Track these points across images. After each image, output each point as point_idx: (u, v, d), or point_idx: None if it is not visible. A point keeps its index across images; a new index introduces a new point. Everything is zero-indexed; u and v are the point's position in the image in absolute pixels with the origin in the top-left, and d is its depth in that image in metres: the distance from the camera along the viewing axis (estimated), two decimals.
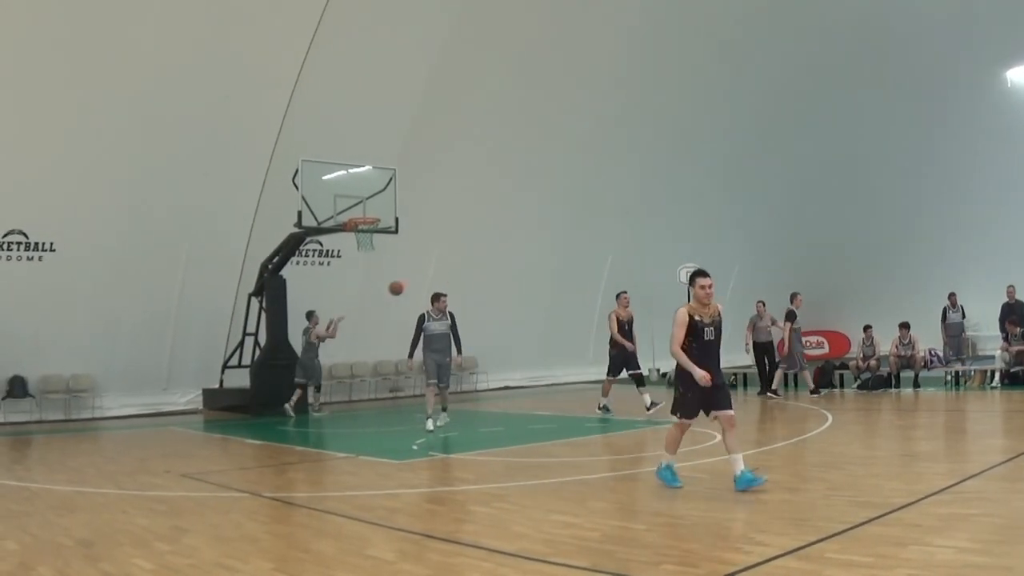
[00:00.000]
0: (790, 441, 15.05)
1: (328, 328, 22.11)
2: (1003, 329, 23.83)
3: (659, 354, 30.34)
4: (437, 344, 17.49)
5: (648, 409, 18.85)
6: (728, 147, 33.25)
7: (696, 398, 10.35)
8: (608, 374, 20.30)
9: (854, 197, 35.76)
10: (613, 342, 20.04)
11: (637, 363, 20.29)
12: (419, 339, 17.48)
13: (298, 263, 24.41)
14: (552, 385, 30.02)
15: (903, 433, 16.39)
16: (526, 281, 29.09)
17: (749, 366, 25.46)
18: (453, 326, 17.67)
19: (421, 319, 17.53)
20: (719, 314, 10.56)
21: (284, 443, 17.14)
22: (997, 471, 11.12)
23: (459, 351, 17.86)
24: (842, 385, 24.82)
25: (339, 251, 25.44)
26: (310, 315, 22.28)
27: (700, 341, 10.33)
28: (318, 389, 22.86)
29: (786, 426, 17.33)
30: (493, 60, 26.60)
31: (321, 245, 25.31)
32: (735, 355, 22.25)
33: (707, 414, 10.44)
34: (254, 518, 9.83)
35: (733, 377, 26.57)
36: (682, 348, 10.32)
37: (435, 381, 17.57)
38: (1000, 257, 31.75)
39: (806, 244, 35.88)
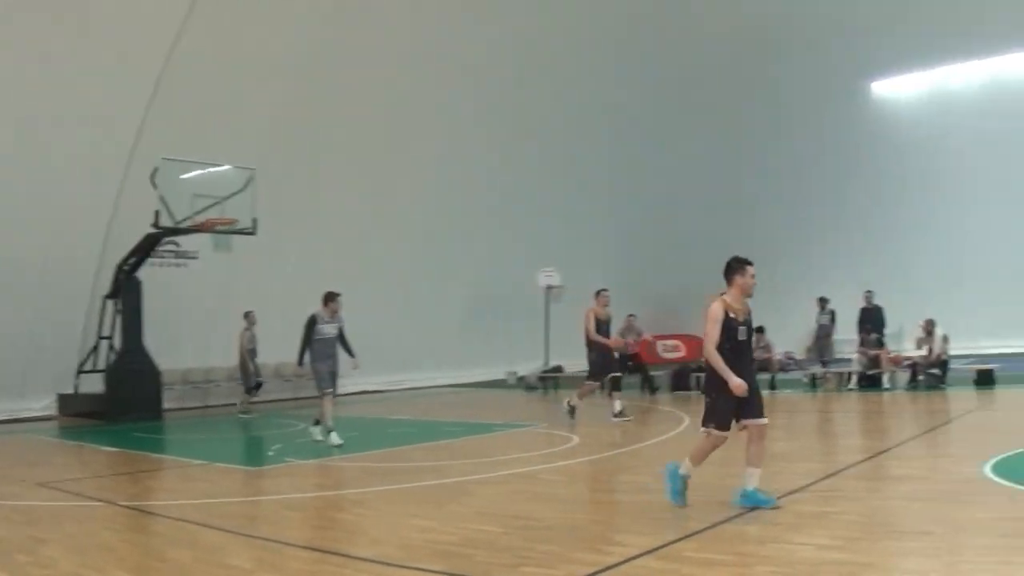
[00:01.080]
0: (648, 443, 15.28)
1: (242, 346, 22.59)
2: (860, 333, 24.57)
3: (517, 357, 30.63)
4: (329, 348, 16.10)
5: (615, 416, 18.08)
6: (594, 152, 33.86)
7: (730, 406, 9.28)
8: (589, 378, 18.84)
9: (717, 202, 36.50)
10: (590, 343, 18.59)
11: (619, 365, 19.23)
12: (309, 343, 15.99)
13: (154, 264, 23.99)
14: (412, 389, 29.93)
15: None
16: (385, 283, 28.96)
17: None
18: (342, 329, 16.39)
19: (312, 321, 16.04)
20: (750, 311, 9.65)
21: (140, 450, 16.77)
22: (854, 470, 11.54)
23: (351, 354, 16.46)
24: (699, 387, 25.16)
25: (196, 252, 25.07)
26: (247, 315, 22.46)
27: (733, 342, 9.38)
28: (249, 390, 23.08)
29: (644, 428, 17.54)
30: (361, 62, 26.69)
31: (178, 246, 24.85)
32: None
33: (736, 422, 9.40)
34: (111, 527, 9.76)
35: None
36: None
37: (331, 390, 16.08)
38: (859, 262, 32.69)
39: (667, 246, 36.42)
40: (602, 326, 18.66)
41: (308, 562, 7.93)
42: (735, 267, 9.55)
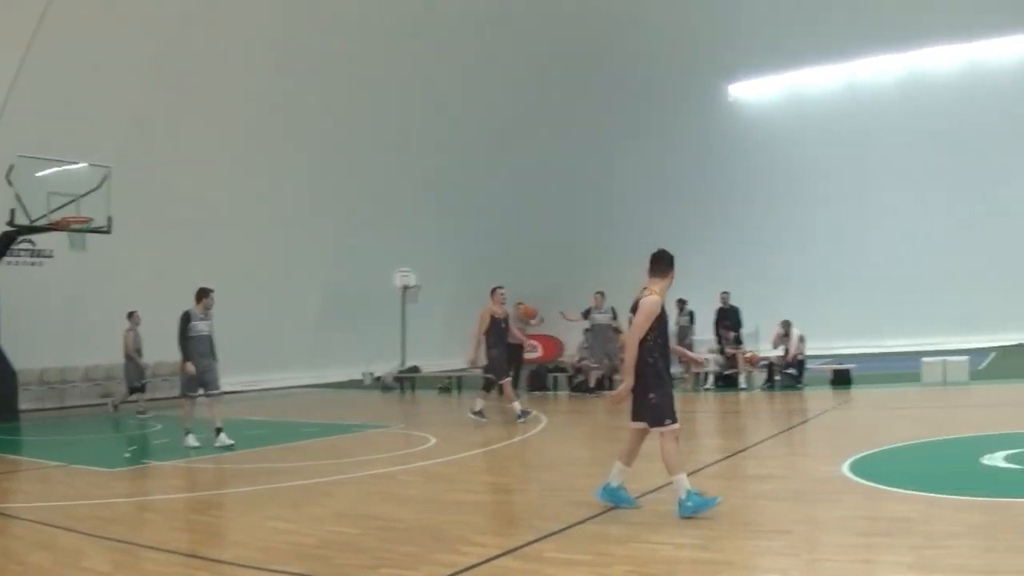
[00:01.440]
0: (506, 443, 15.52)
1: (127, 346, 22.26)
2: (717, 333, 24.94)
3: (373, 357, 30.62)
4: (203, 347, 15.74)
5: (472, 414, 18.03)
6: (448, 153, 33.99)
7: (671, 399, 9.07)
8: (499, 378, 18.36)
9: (574, 203, 37.01)
10: (488, 342, 18.27)
11: (507, 368, 18.84)
12: (187, 340, 15.58)
13: (9, 263, 23.60)
14: (267, 390, 29.74)
15: (618, 434, 16.86)
16: (241, 283, 28.38)
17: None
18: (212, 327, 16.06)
19: (187, 317, 15.65)
20: None
21: None
22: (713, 469, 11.82)
23: (214, 356, 16.10)
24: (556, 388, 25.55)
25: (51, 251, 24.68)
26: (131, 316, 22.20)
27: (663, 336, 9.16)
28: (137, 391, 22.77)
29: (502, 429, 17.54)
30: (218, 59, 26.62)
31: (33, 244, 24.46)
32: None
33: (632, 419, 9.22)
34: None
35: (448, 381, 27.20)
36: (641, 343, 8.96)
37: (194, 393, 15.83)
38: (716, 263, 33.31)
39: (522, 247, 36.78)
40: (500, 324, 18.50)
41: (166, 564, 7.91)
42: (670, 260, 9.38)
